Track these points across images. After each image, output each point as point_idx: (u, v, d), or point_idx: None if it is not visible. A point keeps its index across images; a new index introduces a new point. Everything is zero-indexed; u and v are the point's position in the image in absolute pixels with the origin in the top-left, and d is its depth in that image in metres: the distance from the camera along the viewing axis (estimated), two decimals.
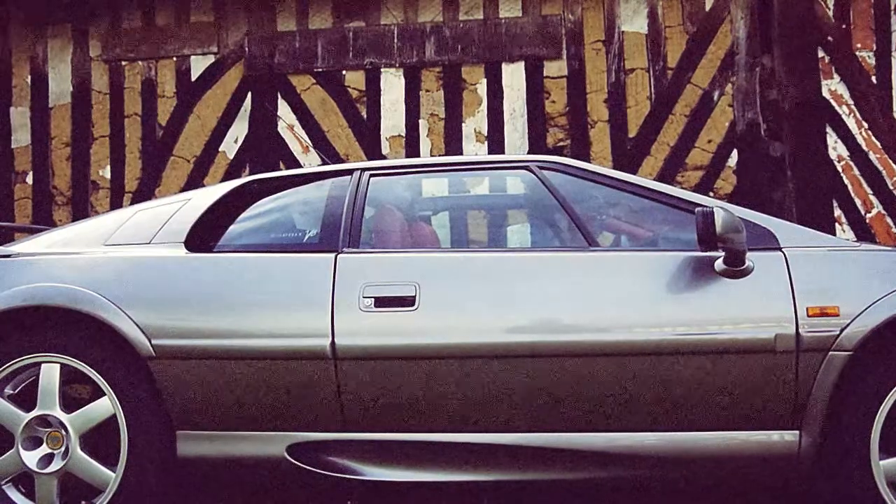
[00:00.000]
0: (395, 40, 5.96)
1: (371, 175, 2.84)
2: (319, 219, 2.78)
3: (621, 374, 2.42)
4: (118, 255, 2.76)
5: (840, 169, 5.65)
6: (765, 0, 5.82)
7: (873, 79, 5.65)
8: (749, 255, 2.44)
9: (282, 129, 5.98)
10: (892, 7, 5.69)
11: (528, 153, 5.82)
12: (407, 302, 2.49)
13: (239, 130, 6.01)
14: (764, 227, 2.53)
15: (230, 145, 6.01)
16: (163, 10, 6.10)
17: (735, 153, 5.74)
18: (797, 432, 2.39)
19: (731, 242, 2.31)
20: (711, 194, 5.73)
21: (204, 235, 2.81)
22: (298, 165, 5.81)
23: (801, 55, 5.72)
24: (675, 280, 2.46)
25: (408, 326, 2.48)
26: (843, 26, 5.70)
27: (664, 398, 2.42)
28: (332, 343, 2.49)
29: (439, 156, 5.80)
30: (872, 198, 5.60)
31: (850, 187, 5.63)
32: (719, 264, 2.43)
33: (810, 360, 2.35)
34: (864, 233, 5.57)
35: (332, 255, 2.62)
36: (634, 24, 5.87)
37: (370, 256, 2.63)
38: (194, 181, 5.95)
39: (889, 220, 5.58)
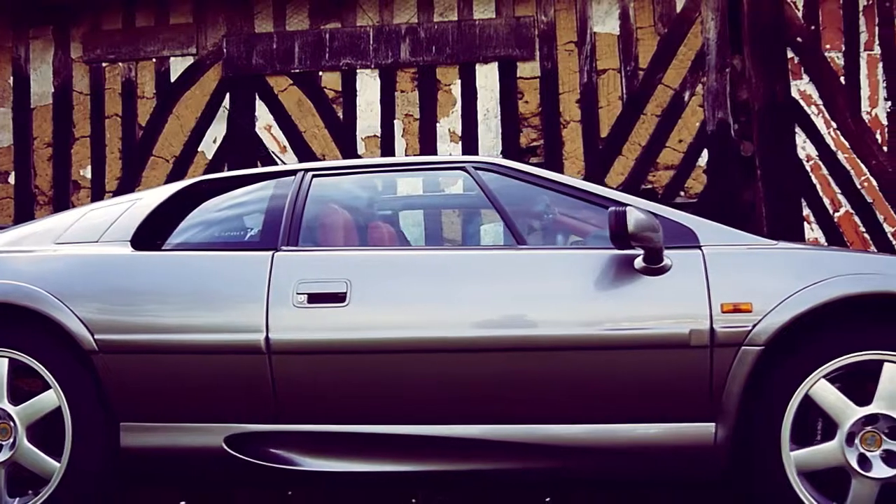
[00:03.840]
0: (371, 42, 6.05)
1: (314, 176, 2.93)
2: (262, 218, 2.87)
3: (545, 369, 2.50)
4: (66, 252, 2.86)
5: (809, 168, 5.71)
6: (735, 1, 5.89)
7: (842, 79, 5.72)
8: (668, 252, 2.52)
9: (260, 129, 6.07)
10: (861, 8, 5.75)
11: (502, 153, 5.91)
12: (338, 298, 2.57)
13: (217, 130, 6.11)
14: (685, 225, 2.60)
15: (209, 145, 6.11)
16: (142, 12, 6.20)
17: (705, 153, 5.81)
18: (713, 424, 2.46)
19: (645, 241, 2.38)
20: (683, 193, 5.81)
21: (150, 234, 2.90)
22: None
23: (770, 56, 5.78)
24: (598, 277, 2.53)
25: (338, 322, 2.56)
26: (813, 27, 5.77)
27: (587, 391, 2.50)
28: (266, 338, 2.58)
29: (411, 155, 5.89)
30: (841, 197, 5.67)
31: (818, 187, 5.69)
32: (639, 262, 2.50)
33: (724, 354, 2.42)
34: (832, 232, 5.64)
35: (270, 253, 2.71)
36: (606, 25, 5.95)
37: (305, 254, 2.71)
38: (174, 181, 6.02)
39: (857, 219, 5.64)
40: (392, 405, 2.57)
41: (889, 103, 5.68)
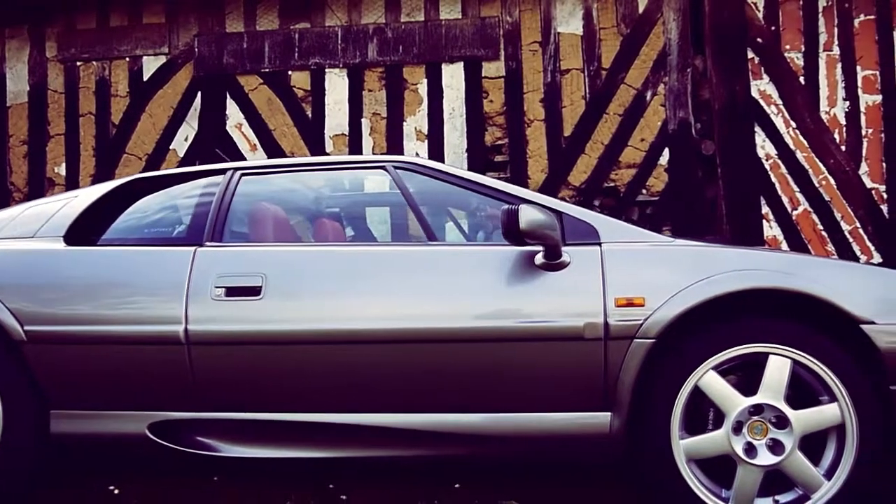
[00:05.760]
0: (339, 41, 6.16)
1: (242, 174, 3.05)
2: (190, 215, 2.98)
3: (450, 360, 2.60)
4: (2, 247, 2.98)
5: (768, 167, 5.81)
6: (696, 2, 5.98)
7: (801, 79, 5.81)
8: (569, 249, 2.62)
9: (230, 127, 6.19)
10: (820, 10, 5.83)
11: (467, 151, 6.02)
12: (253, 291, 2.69)
13: (189, 129, 6.22)
14: (587, 222, 2.69)
15: (180, 143, 6.23)
16: (116, 12, 6.33)
17: (667, 152, 5.90)
18: (609, 414, 2.56)
19: (539, 238, 2.48)
20: (644, 192, 5.90)
21: (83, 230, 3.02)
22: None
23: (731, 56, 5.88)
24: (502, 272, 2.63)
25: (253, 314, 2.67)
26: (773, 28, 5.86)
27: (490, 382, 2.60)
28: (186, 330, 2.70)
29: (381, 152, 6.01)
30: (799, 195, 5.76)
31: (777, 185, 5.79)
32: (539, 258, 2.60)
33: (617, 346, 2.52)
34: (790, 230, 5.73)
35: (193, 248, 2.83)
36: (570, 25, 6.04)
37: (226, 250, 2.83)
38: None
39: (815, 217, 5.73)
40: (305, 394, 2.68)
41: (847, 103, 5.77)
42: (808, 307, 2.54)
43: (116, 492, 2.93)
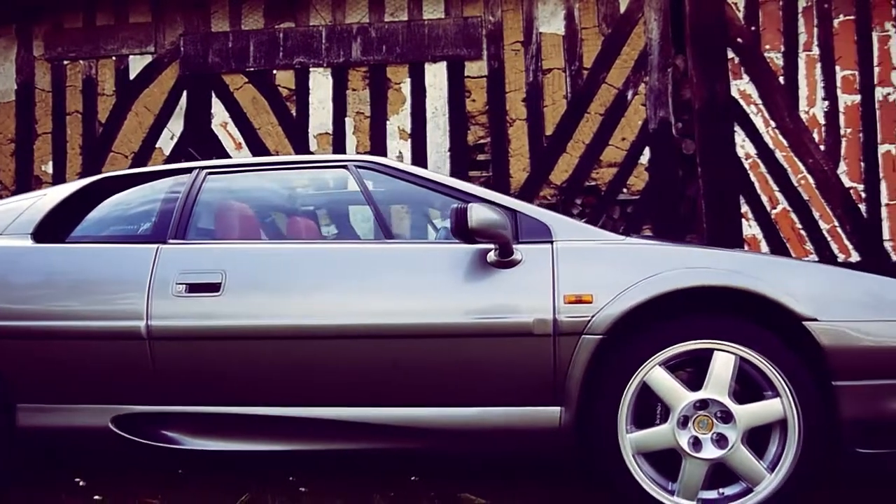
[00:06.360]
0: (323, 41, 6.21)
1: (208, 173, 3.11)
2: (156, 213, 3.04)
3: (404, 356, 2.65)
4: None
5: (747, 166, 5.85)
6: (677, 2, 6.03)
7: (781, 79, 5.85)
8: (522, 247, 2.68)
9: (216, 126, 6.25)
10: (800, 10, 5.88)
11: (449, 150, 6.07)
12: (213, 288, 2.74)
13: (175, 127, 6.28)
14: (541, 221, 2.74)
15: (166, 141, 6.29)
16: (102, 11, 6.39)
17: (647, 151, 5.95)
18: (558, 408, 2.62)
19: (489, 236, 2.53)
20: (625, 190, 5.95)
21: (52, 228, 3.08)
22: None
23: (711, 56, 5.92)
24: (457, 270, 2.68)
25: (212, 310, 2.73)
26: (753, 28, 5.90)
27: (444, 377, 2.65)
28: (147, 325, 2.75)
29: (363, 153, 6.06)
30: (778, 194, 5.80)
31: (756, 184, 5.83)
32: (491, 256, 2.66)
33: (566, 342, 2.57)
34: (769, 229, 5.78)
35: (156, 245, 2.89)
36: (552, 25, 6.09)
37: (188, 247, 2.88)
38: None
39: (794, 216, 5.78)
40: (263, 388, 2.73)
41: (826, 103, 5.82)
42: (755, 305, 2.59)
43: (82, 484, 2.99)
